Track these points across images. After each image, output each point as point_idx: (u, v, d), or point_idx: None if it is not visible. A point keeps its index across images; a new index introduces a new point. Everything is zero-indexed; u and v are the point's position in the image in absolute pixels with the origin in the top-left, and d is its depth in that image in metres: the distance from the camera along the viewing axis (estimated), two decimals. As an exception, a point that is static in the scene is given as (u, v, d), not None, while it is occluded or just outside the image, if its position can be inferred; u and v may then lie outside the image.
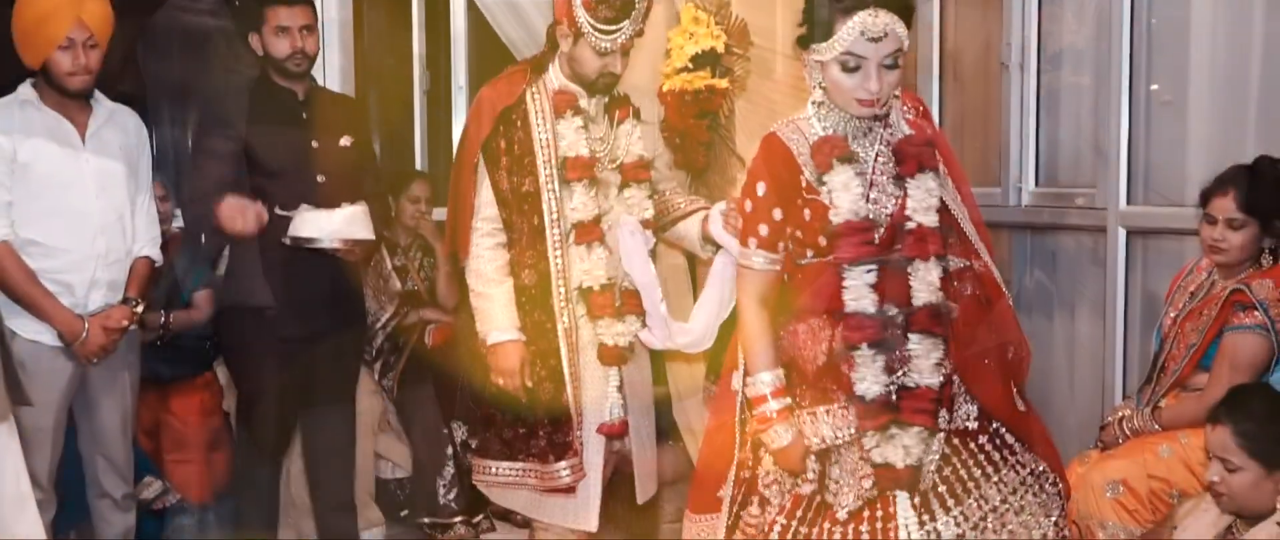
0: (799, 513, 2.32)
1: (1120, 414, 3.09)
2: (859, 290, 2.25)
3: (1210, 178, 3.02)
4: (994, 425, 2.33)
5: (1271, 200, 2.87)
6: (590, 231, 2.92)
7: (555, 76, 2.98)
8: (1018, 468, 2.32)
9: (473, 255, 2.98)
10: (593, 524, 2.98)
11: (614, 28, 2.82)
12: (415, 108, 5.16)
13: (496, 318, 2.95)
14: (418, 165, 5.07)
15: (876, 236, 2.29)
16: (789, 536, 2.31)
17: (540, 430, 2.93)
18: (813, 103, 2.33)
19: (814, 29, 2.23)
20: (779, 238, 2.35)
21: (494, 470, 3.02)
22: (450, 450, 4.22)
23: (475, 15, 4.98)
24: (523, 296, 2.96)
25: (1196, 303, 3.00)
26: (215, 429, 3.91)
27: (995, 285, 2.38)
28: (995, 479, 2.29)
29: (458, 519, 4.18)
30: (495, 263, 2.97)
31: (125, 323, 3.21)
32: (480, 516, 4.22)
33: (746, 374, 2.38)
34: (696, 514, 2.50)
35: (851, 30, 2.17)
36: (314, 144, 3.46)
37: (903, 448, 2.24)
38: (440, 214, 4.52)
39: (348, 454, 3.75)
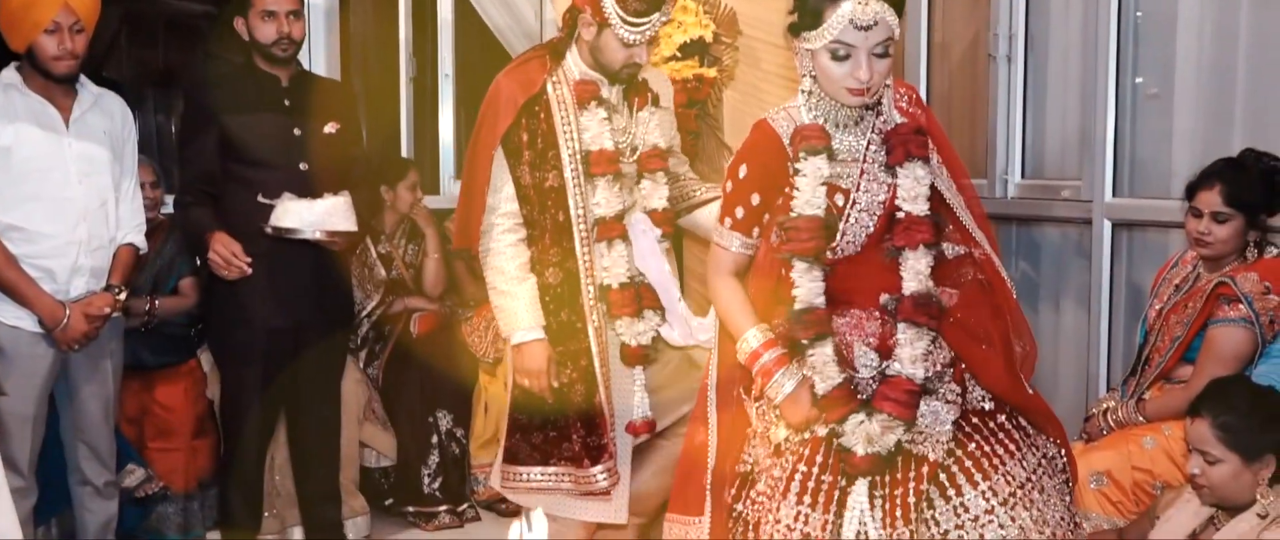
0: (818, 458, 2.23)
1: (1104, 405, 3.11)
2: (806, 285, 2.23)
3: (1196, 170, 3.03)
4: (1008, 406, 2.30)
5: (1257, 194, 2.88)
6: (612, 228, 2.84)
7: (575, 65, 2.89)
8: (1034, 449, 2.29)
9: (493, 253, 2.89)
10: (623, 517, 2.92)
11: (644, 21, 2.74)
12: (401, 95, 5.14)
13: (521, 317, 2.86)
14: (403, 152, 5.06)
15: (870, 228, 2.26)
16: (810, 484, 2.21)
17: (573, 433, 2.85)
18: (803, 91, 2.31)
19: (804, 17, 2.21)
20: (754, 222, 2.33)
21: (525, 476, 2.92)
22: (435, 439, 4.21)
23: (462, 2, 4.97)
24: (547, 295, 2.87)
25: (1181, 295, 3.01)
26: (199, 417, 3.89)
27: (996, 273, 2.36)
28: (1018, 456, 2.25)
29: (442, 508, 4.16)
30: (517, 260, 2.88)
31: (107, 310, 3.19)
32: (465, 505, 4.22)
33: (734, 342, 2.33)
34: (678, 515, 2.46)
35: (841, 18, 2.14)
36: (296, 131, 3.44)
37: (866, 436, 2.20)
38: (427, 202, 4.53)
39: (333, 443, 3.74)
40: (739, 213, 2.33)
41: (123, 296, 3.25)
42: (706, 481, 2.41)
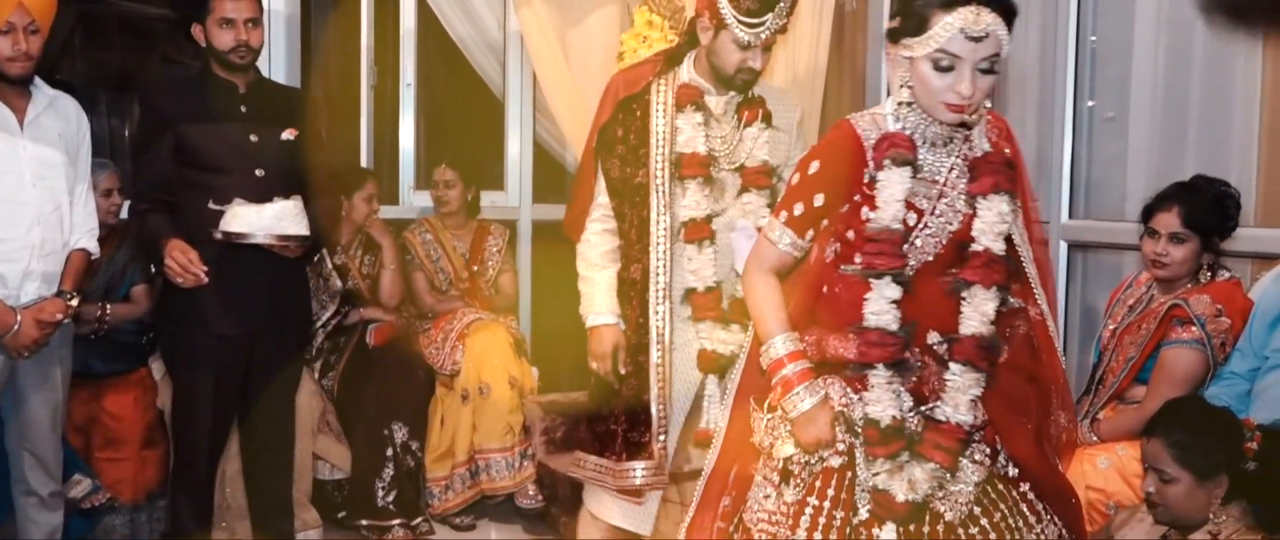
0: (830, 492, 2.12)
1: (1059, 425, 3.13)
2: (881, 304, 2.10)
3: (1150, 193, 3.08)
4: (1033, 476, 2.21)
5: (1211, 217, 2.94)
6: (700, 230, 2.87)
7: (687, 71, 2.95)
8: (1054, 522, 2.21)
9: (584, 240, 3.02)
10: (647, 529, 2.96)
11: (758, 21, 2.76)
12: (362, 104, 5.10)
13: (597, 301, 2.97)
14: (363, 162, 5.02)
15: (932, 255, 2.15)
16: (821, 520, 2.11)
17: (618, 427, 2.91)
18: (896, 102, 2.14)
19: (907, 22, 2.06)
20: (811, 224, 2.19)
21: (584, 462, 3.02)
22: (390, 452, 4.17)
23: (425, 11, 4.95)
24: (628, 290, 2.95)
25: (1135, 316, 3.05)
26: (149, 426, 3.82)
27: (1048, 338, 2.25)
28: (1038, 530, 2.17)
29: (396, 521, 4.12)
30: (601, 248, 3.00)
31: (59, 316, 3.13)
32: (419, 519, 4.18)
33: (759, 344, 2.22)
34: None
35: (950, 26, 2.01)
36: (253, 137, 3.40)
37: (908, 482, 2.08)
38: (385, 212, 4.49)
39: (286, 454, 3.69)
40: (798, 209, 2.19)
41: (75, 302, 3.19)
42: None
